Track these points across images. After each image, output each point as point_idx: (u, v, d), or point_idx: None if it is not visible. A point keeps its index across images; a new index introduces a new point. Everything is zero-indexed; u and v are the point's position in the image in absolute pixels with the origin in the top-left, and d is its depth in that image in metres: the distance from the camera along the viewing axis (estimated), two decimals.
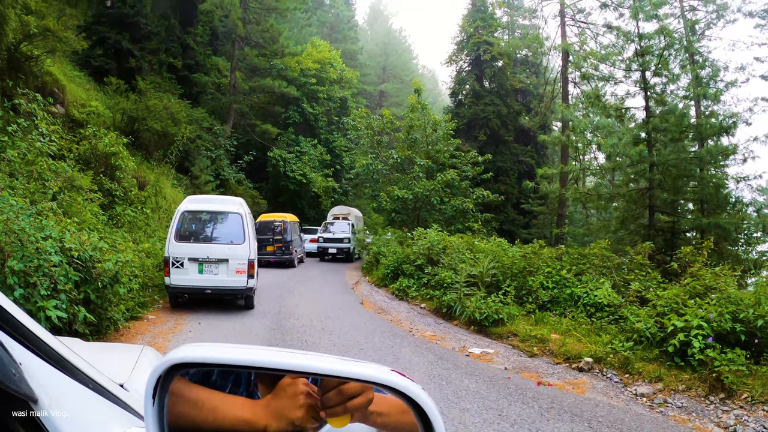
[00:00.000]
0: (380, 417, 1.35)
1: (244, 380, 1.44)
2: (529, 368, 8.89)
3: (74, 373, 1.12)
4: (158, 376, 1.14)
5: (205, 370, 1.36)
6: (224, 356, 1.24)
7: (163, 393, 1.16)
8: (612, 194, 23.14)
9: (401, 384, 1.21)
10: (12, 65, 14.40)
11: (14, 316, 0.93)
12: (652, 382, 7.77)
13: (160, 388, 1.15)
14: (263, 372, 1.31)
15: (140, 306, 11.84)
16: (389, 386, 1.22)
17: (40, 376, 0.95)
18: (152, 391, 1.14)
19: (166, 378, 1.16)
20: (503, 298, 12.08)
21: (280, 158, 37.06)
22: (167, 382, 1.17)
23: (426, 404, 1.21)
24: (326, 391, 1.26)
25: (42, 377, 0.95)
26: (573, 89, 31.98)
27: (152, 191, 19.99)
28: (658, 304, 9.10)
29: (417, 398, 1.21)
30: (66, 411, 1.00)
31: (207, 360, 1.23)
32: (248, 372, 1.44)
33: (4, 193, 8.93)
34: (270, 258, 23.09)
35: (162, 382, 1.15)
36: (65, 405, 1.01)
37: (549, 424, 6.22)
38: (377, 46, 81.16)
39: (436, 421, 1.22)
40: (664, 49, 20.82)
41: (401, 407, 1.34)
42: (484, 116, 40.46)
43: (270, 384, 1.40)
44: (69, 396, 1.06)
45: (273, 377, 1.40)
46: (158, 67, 29.65)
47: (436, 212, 25.52)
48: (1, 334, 0.87)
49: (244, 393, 1.43)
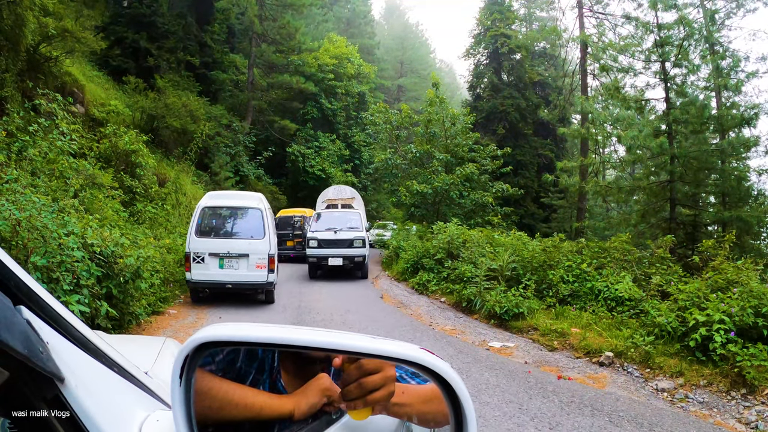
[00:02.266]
0: (402, 408, 1.36)
1: (267, 367, 1.45)
2: (550, 362, 8.86)
3: (99, 356, 1.13)
4: (186, 355, 1.15)
5: (230, 358, 1.38)
6: (251, 334, 1.25)
7: (190, 373, 1.17)
8: (632, 187, 22.92)
9: (431, 362, 1.21)
10: (32, 66, 14.53)
11: (41, 296, 0.95)
12: (673, 377, 7.69)
13: (187, 368, 1.16)
14: (290, 350, 1.34)
15: (162, 301, 11.95)
16: (419, 364, 1.22)
17: (67, 356, 0.96)
18: (179, 370, 1.15)
19: (193, 358, 1.17)
20: (523, 292, 12.00)
21: (299, 154, 37.21)
22: (194, 362, 1.17)
23: (455, 382, 1.21)
24: (346, 384, 1.25)
25: (68, 357, 0.96)
26: (592, 81, 31.66)
27: (172, 188, 20.14)
28: (680, 298, 9.00)
29: (447, 376, 1.21)
30: (91, 391, 1.01)
31: (234, 338, 1.25)
32: (272, 359, 1.46)
33: (27, 190, 9.03)
34: (290, 253, 23.16)
35: (189, 361, 1.16)
36: (90, 385, 1.01)
37: (569, 418, 6.19)
38: (394, 40, 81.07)
39: (465, 400, 1.21)
40: (684, 39, 20.61)
41: (424, 397, 1.41)
42: (502, 109, 40.27)
43: (293, 371, 1.47)
44: (94, 377, 1.07)
45: (297, 365, 1.47)
46: (176, 65, 29.81)
47: (456, 206, 25.38)
48: (29, 313, 0.89)
49: (267, 380, 1.44)
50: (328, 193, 25.47)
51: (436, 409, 1.36)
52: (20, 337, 0.80)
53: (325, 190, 26.19)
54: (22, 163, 11.11)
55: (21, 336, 0.80)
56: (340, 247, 18.95)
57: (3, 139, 11.36)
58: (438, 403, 1.33)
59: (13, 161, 10.77)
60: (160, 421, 1.24)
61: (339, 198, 24.75)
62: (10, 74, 13.29)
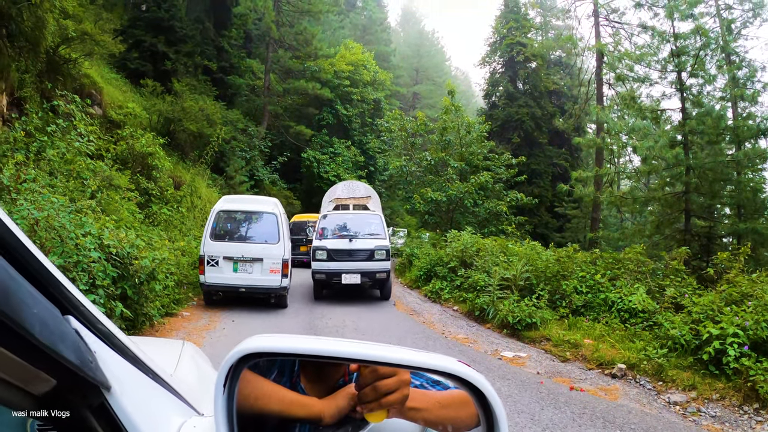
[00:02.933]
0: (419, 412, 1.38)
1: (287, 371, 1.50)
2: (562, 373, 8.82)
3: (137, 363, 1.16)
4: (230, 365, 1.19)
5: (254, 361, 1.41)
6: (293, 346, 1.28)
7: (233, 382, 1.20)
8: (647, 198, 22.85)
9: (468, 374, 1.25)
10: (51, 68, 14.67)
11: (86, 306, 0.97)
12: (686, 391, 7.62)
13: (230, 377, 1.20)
14: (331, 362, 1.38)
15: (175, 303, 12.04)
16: (456, 376, 1.27)
17: (111, 365, 0.99)
18: (224, 380, 1.18)
19: (236, 368, 1.20)
20: (536, 302, 11.95)
21: (314, 159, 37.32)
22: (237, 372, 1.21)
23: (490, 394, 1.25)
24: (362, 388, 1.30)
25: (112, 365, 0.99)
26: (608, 90, 31.58)
27: (188, 191, 20.28)
28: (694, 311, 8.91)
29: (483, 388, 1.25)
30: (134, 399, 1.04)
31: (276, 350, 1.29)
32: (293, 363, 1.51)
33: (45, 191, 9.14)
34: (303, 258, 23.18)
35: (232, 372, 1.20)
36: (132, 393, 1.05)
37: (581, 430, 6.16)
38: (410, 47, 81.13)
39: (499, 412, 1.25)
40: (700, 49, 20.59)
41: (442, 402, 1.44)
42: (518, 118, 40.23)
43: (314, 375, 1.52)
44: (135, 384, 1.10)
45: (318, 369, 1.52)
46: (193, 69, 30.00)
47: (470, 215, 25.37)
48: (77, 323, 0.91)
49: (287, 383, 1.49)
50: (337, 191, 20.12)
51: (454, 415, 1.42)
52: (72, 347, 0.82)
53: (333, 188, 20.82)
54: (40, 164, 11.25)
55: (72, 346, 0.83)
56: (358, 260, 15.00)
57: (22, 139, 11.51)
58: (456, 409, 1.41)
59: (32, 161, 10.90)
60: (197, 427, 1.29)
61: (351, 197, 19.68)
62: (29, 75, 13.44)
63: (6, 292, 0.65)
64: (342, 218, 16.59)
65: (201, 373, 2.34)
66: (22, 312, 0.67)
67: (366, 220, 16.62)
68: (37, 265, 0.78)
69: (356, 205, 18.90)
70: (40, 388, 0.82)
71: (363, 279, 15.00)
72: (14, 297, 0.66)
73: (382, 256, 15.19)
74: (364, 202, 19.12)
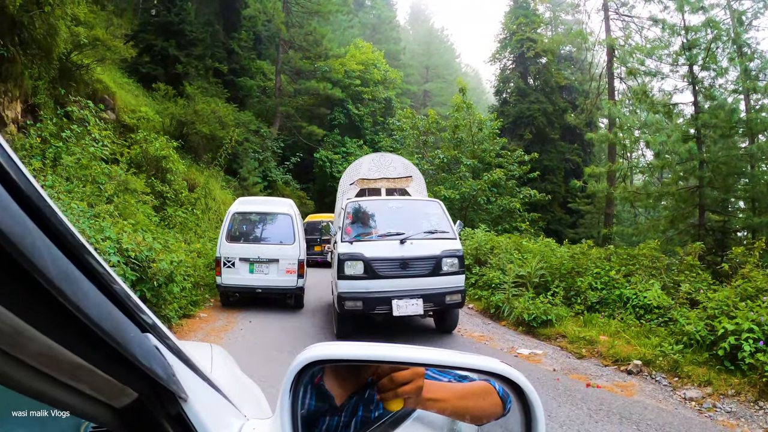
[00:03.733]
0: (437, 403, 1.47)
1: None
2: (578, 370, 8.81)
3: (196, 371, 1.21)
4: (296, 372, 1.27)
5: None
6: (354, 353, 1.40)
7: (298, 387, 1.29)
8: (661, 193, 22.74)
9: (510, 373, 1.39)
10: (64, 74, 14.80)
11: (158, 323, 1.02)
12: (701, 386, 7.60)
13: (295, 384, 1.28)
14: (388, 365, 1.41)
15: (192, 304, 12.12)
16: (498, 374, 1.41)
17: (183, 377, 1.04)
18: (290, 385, 1.27)
19: (300, 375, 1.29)
20: (551, 299, 11.94)
21: (327, 159, 37.35)
22: (302, 377, 1.30)
23: (530, 392, 1.38)
24: (380, 378, 1.39)
25: (183, 376, 1.04)
26: (619, 85, 31.34)
27: (202, 193, 20.39)
28: (709, 307, 8.87)
29: (524, 386, 1.39)
30: (204, 407, 1.10)
31: (339, 356, 1.39)
32: None
33: (64, 197, 9.26)
34: (318, 258, 23.24)
35: (297, 379, 1.28)
36: (201, 402, 1.10)
37: (598, 426, 6.18)
38: (419, 45, 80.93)
39: (537, 407, 1.38)
40: (712, 41, 20.45)
41: (461, 394, 1.57)
42: (529, 114, 40.08)
43: (345, 373, 1.61)
44: (201, 393, 1.15)
45: (348, 368, 1.61)
46: (204, 72, 30.21)
47: (483, 212, 25.31)
48: (155, 340, 0.96)
49: (309, 383, 1.55)
50: (362, 168, 13.24)
51: (474, 405, 1.56)
52: (158, 362, 0.89)
53: (356, 163, 14.10)
54: (57, 169, 11.36)
55: (158, 361, 0.90)
56: (415, 275, 9.62)
57: (38, 146, 11.64)
58: (476, 400, 1.56)
59: (49, 167, 11.02)
60: (256, 429, 1.36)
61: (382, 176, 12.67)
62: (42, 82, 13.59)
63: (113, 321, 0.70)
64: (381, 208, 10.81)
65: (234, 375, 2.41)
66: (120, 332, 0.72)
67: (420, 208, 11.14)
68: (118, 288, 0.81)
69: (390, 190, 12.33)
70: (122, 402, 0.87)
71: (426, 305, 9.61)
72: (112, 319, 0.71)
73: (455, 267, 9.95)
74: (403, 185, 12.46)
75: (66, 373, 0.70)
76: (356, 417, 1.60)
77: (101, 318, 0.66)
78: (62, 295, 0.57)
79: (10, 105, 12.39)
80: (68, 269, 0.60)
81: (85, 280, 0.65)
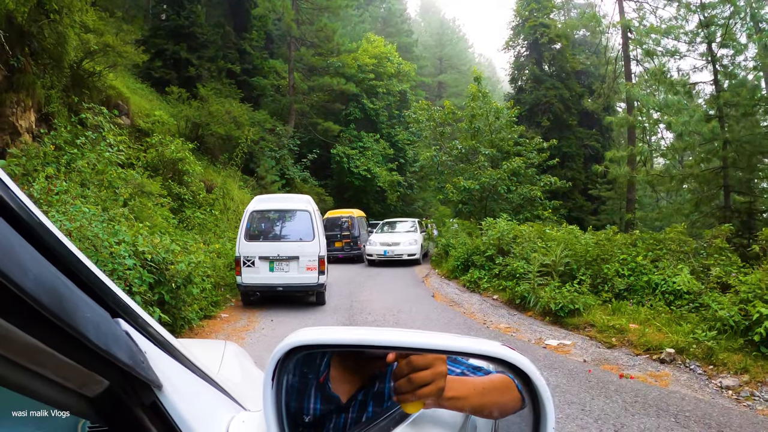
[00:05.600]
0: (458, 401, 1.38)
1: (314, 368, 1.56)
2: (609, 360, 8.64)
3: (184, 362, 1.18)
4: (278, 359, 1.22)
5: None
6: (339, 337, 1.35)
7: (281, 375, 1.24)
8: (684, 175, 22.48)
9: (512, 357, 1.29)
10: (76, 82, 14.88)
11: (135, 310, 0.99)
12: (738, 374, 7.38)
13: (278, 371, 1.23)
14: (377, 350, 1.36)
15: (213, 305, 12.11)
16: (500, 359, 1.30)
17: (160, 364, 1.01)
18: (272, 373, 1.22)
19: (284, 361, 1.24)
20: (578, 288, 11.77)
21: (344, 155, 37.31)
22: (285, 366, 1.24)
23: (535, 376, 1.29)
24: (397, 379, 1.30)
25: (161, 365, 1.01)
26: (635, 67, 31.01)
27: (220, 193, 20.44)
28: (741, 290, 8.67)
29: (527, 370, 1.29)
30: (184, 396, 1.05)
31: (323, 342, 1.33)
32: (320, 360, 1.56)
33: (77, 201, 9.23)
34: (338, 254, 23.20)
35: (280, 365, 1.23)
36: (182, 391, 1.06)
37: (634, 419, 6.00)
38: (431, 37, 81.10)
39: (544, 393, 1.29)
40: (729, 18, 20.13)
41: (482, 389, 1.47)
42: (546, 101, 39.74)
43: (352, 368, 1.56)
44: (183, 382, 1.12)
45: (356, 363, 1.55)
46: (217, 73, 30.47)
47: (503, 201, 25.11)
48: (127, 325, 0.93)
49: (314, 381, 1.54)
50: None
51: (495, 400, 1.47)
52: (124, 348, 0.85)
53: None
54: (71, 175, 11.37)
55: (124, 347, 0.85)
56: None
57: (52, 153, 11.64)
58: (497, 395, 1.47)
59: (62, 173, 11.01)
60: (246, 422, 1.31)
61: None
62: (55, 90, 13.64)
63: (60, 298, 0.66)
64: None
65: (244, 370, 2.40)
66: (77, 316, 0.69)
67: None
68: (86, 271, 0.80)
69: None
70: (94, 390, 0.85)
71: None
72: (68, 302, 0.68)
73: None
74: None
75: (23, 356, 0.68)
76: (366, 412, 1.56)
77: (42, 294, 0.61)
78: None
79: (24, 115, 12.41)
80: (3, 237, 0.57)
81: (29, 252, 0.62)
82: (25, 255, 0.59)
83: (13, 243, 0.58)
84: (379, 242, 23.50)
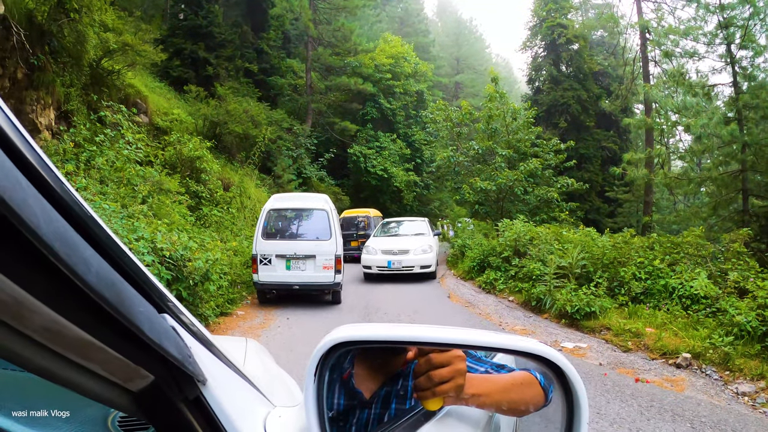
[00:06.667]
0: (479, 398, 1.40)
1: (339, 365, 1.55)
2: (625, 364, 8.60)
3: (221, 358, 1.19)
4: (321, 355, 1.25)
5: None
6: (379, 333, 1.38)
7: (323, 371, 1.26)
8: (702, 178, 22.33)
9: (549, 353, 1.32)
10: (95, 80, 14.99)
11: (177, 306, 1.01)
12: (754, 380, 7.32)
13: (320, 366, 1.25)
14: (416, 346, 1.38)
15: (229, 302, 12.14)
16: (537, 355, 1.33)
17: (203, 360, 1.02)
18: (314, 369, 1.24)
19: (326, 357, 1.26)
20: (594, 290, 11.65)
21: (360, 154, 37.31)
22: (327, 361, 1.27)
23: (572, 374, 1.31)
24: (417, 377, 1.33)
25: (204, 361, 1.03)
26: (653, 68, 30.91)
27: (237, 192, 20.53)
28: (759, 296, 8.61)
29: (563, 366, 1.31)
30: (224, 392, 1.08)
31: (365, 338, 1.35)
32: (345, 357, 1.57)
33: (96, 198, 9.33)
34: (354, 253, 23.19)
35: (322, 361, 1.26)
36: (222, 387, 1.08)
37: (650, 424, 5.96)
38: (448, 37, 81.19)
39: (580, 390, 1.31)
40: (749, 19, 19.97)
41: (503, 386, 1.51)
42: (563, 102, 39.58)
43: (372, 367, 1.59)
44: (223, 379, 1.14)
45: (381, 359, 1.59)
46: (235, 72, 30.61)
47: (520, 203, 24.97)
48: (172, 320, 0.94)
49: (338, 378, 1.56)
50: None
51: (517, 398, 1.50)
52: (173, 342, 0.86)
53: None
54: (90, 172, 11.50)
55: (173, 342, 0.86)
56: None
57: (71, 150, 11.77)
58: (518, 392, 1.50)
59: (82, 170, 11.12)
60: (282, 417, 1.32)
61: None
62: (74, 88, 13.75)
63: (118, 293, 0.67)
64: None
65: (266, 367, 2.40)
66: (133, 311, 0.70)
67: None
68: (133, 266, 0.81)
69: None
70: (138, 384, 0.86)
71: None
72: (125, 297, 0.69)
73: None
74: None
75: (74, 351, 0.69)
76: (389, 409, 1.57)
77: (104, 288, 0.63)
78: (55, 255, 0.54)
79: (44, 112, 12.54)
80: (66, 233, 0.57)
81: (88, 247, 0.62)
82: (86, 251, 0.61)
83: (75, 239, 0.59)
84: (380, 249, 17.99)
